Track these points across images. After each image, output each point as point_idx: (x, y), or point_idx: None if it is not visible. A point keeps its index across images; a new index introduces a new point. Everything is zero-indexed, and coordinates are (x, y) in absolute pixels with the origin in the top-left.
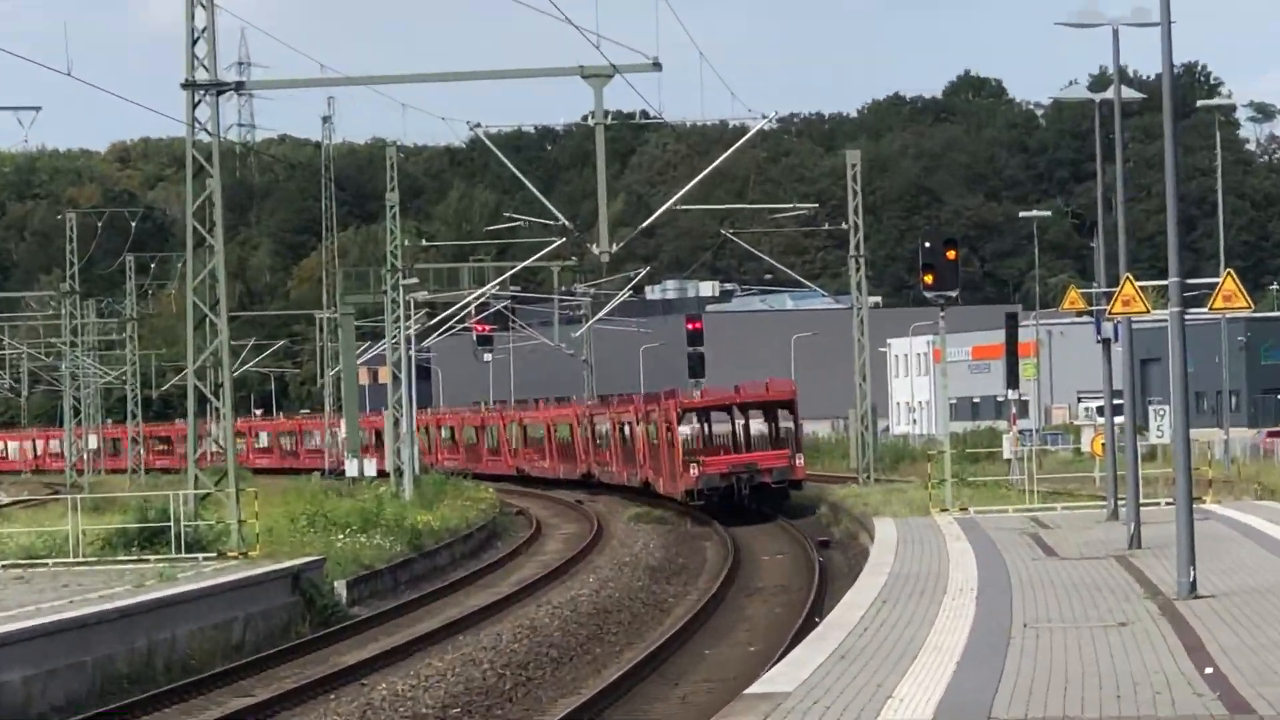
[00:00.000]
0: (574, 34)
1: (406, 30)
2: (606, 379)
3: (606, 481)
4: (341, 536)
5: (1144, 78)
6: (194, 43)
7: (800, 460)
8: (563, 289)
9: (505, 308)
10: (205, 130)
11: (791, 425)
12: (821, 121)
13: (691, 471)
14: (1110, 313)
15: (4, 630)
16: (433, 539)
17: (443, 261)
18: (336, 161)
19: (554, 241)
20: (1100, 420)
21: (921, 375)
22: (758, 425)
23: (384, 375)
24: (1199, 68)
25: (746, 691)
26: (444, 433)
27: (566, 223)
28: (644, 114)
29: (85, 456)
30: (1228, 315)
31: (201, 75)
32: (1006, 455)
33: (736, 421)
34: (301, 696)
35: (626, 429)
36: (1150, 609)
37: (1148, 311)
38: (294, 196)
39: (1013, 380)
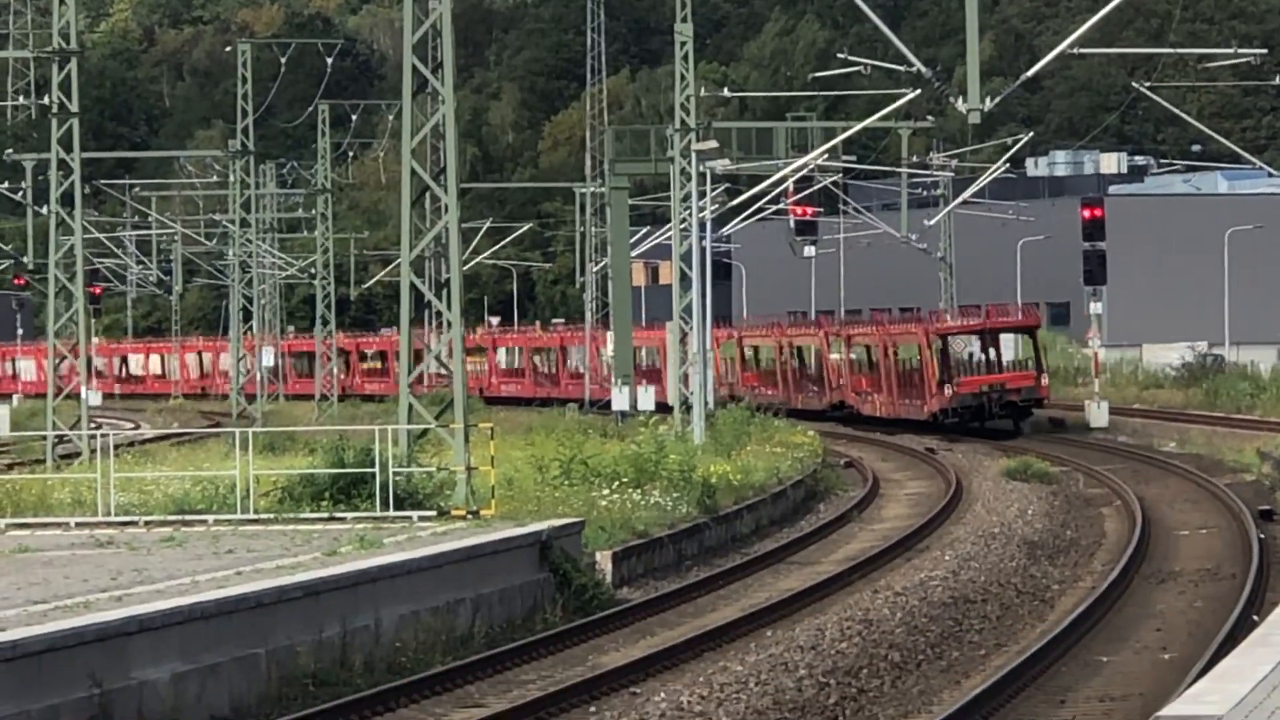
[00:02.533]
0: None
1: None
2: (972, 282)
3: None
4: (607, 492)
5: None
6: None
7: (1045, 380)
8: (914, 160)
9: (835, 184)
10: None
11: (1033, 349)
12: None
13: (946, 391)
14: None
15: (147, 610)
16: (731, 498)
17: (752, 120)
18: None
19: (903, 95)
20: None
21: None
22: (1001, 349)
23: (667, 273)
24: None
25: (1162, 714)
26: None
27: (921, 68)
28: None
29: (258, 376)
30: None
31: None
32: None
33: (986, 346)
34: (550, 707)
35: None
36: None
37: None
38: (547, 28)
39: None
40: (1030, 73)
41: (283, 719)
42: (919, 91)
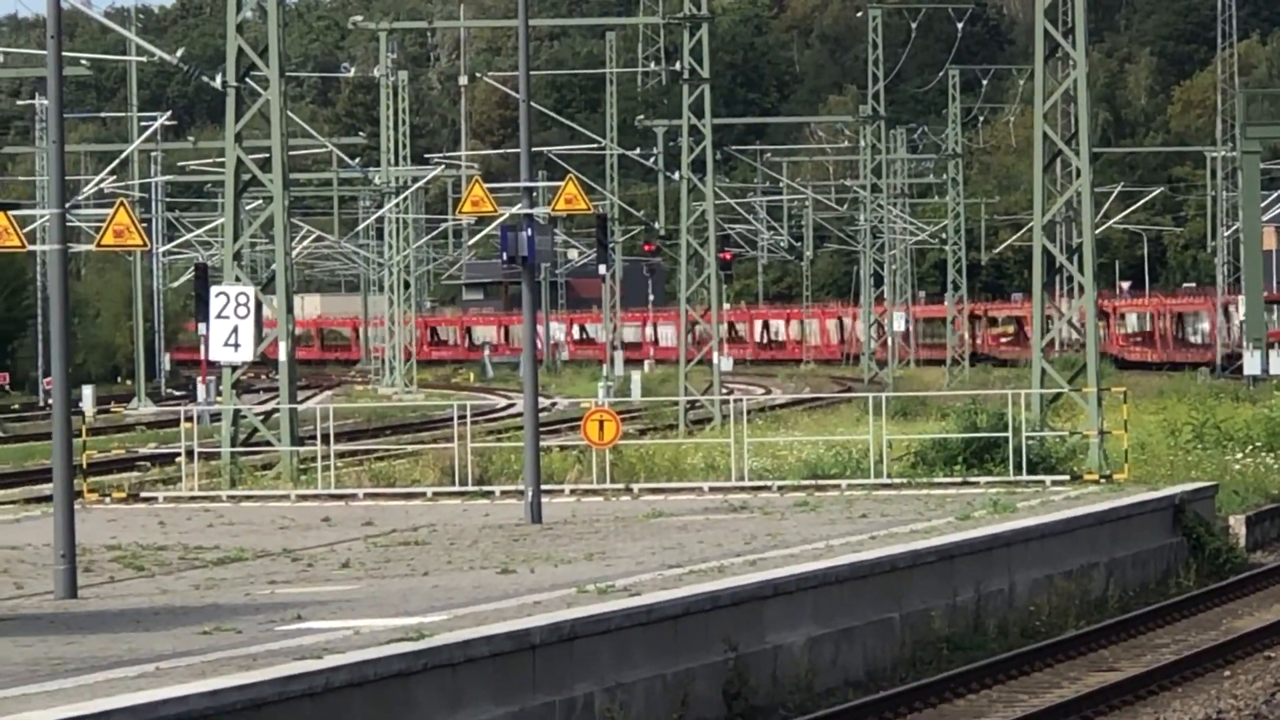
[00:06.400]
0: None
1: None
2: None
3: None
4: (1240, 456)
5: None
6: None
7: None
8: None
9: None
10: None
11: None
12: None
13: None
14: None
15: (782, 574)
16: None
17: None
18: None
19: None
20: None
21: None
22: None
23: None
24: None
25: None
26: None
27: None
28: None
29: (889, 342)
30: None
31: None
32: None
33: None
34: (1184, 671)
35: None
36: None
37: None
38: None
39: None
40: None
41: (919, 682)
42: None
